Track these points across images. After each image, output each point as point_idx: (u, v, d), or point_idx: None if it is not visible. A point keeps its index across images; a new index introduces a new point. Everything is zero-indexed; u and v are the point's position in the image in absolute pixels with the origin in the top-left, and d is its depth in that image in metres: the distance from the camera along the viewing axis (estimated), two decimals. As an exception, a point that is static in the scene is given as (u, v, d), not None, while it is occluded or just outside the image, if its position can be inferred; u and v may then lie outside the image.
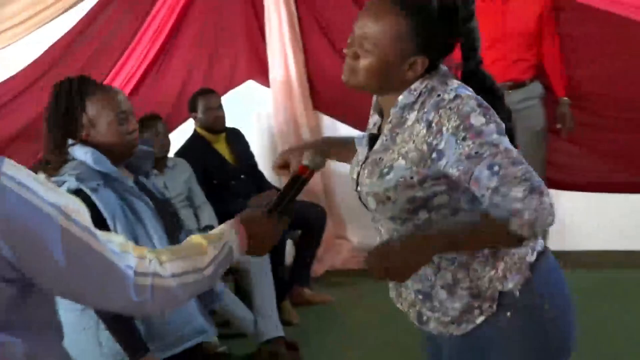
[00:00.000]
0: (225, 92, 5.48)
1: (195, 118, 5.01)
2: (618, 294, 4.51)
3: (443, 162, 1.73)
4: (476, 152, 1.67)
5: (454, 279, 1.85)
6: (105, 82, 4.81)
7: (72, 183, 2.46)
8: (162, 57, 5.54)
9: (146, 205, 2.58)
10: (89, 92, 2.58)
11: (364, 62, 1.80)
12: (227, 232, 1.74)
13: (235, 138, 5.06)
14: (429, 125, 1.75)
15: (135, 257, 1.54)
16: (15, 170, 1.42)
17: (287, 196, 1.83)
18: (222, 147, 5.01)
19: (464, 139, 1.69)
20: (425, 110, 1.78)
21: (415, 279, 1.84)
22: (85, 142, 2.56)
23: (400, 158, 1.79)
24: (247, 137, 5.20)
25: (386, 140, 1.86)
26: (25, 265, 1.44)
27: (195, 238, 1.71)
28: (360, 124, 2.31)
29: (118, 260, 1.51)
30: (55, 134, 2.58)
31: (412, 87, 1.83)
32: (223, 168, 4.92)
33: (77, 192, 2.40)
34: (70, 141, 2.57)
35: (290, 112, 5.59)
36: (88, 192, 2.44)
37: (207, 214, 4.61)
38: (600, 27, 4.67)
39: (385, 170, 1.81)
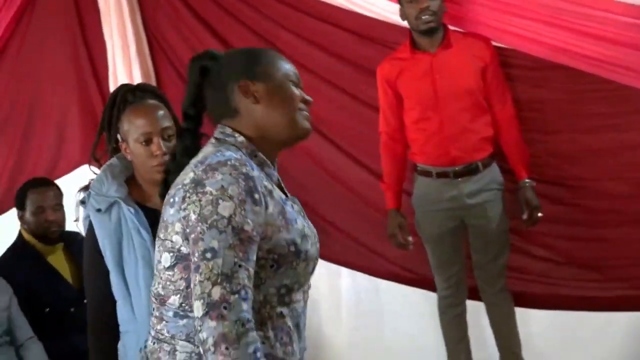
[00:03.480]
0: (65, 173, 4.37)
1: (21, 218, 3.85)
2: None
3: None
4: None
5: None
6: None
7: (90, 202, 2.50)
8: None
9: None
10: (129, 102, 2.50)
11: None
12: None
13: (77, 248, 3.71)
14: None
15: None
16: None
17: None
18: (58, 261, 3.83)
19: None
20: None
21: None
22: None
23: None
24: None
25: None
26: None
27: None
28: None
29: None
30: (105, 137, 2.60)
31: None
32: (58, 290, 3.75)
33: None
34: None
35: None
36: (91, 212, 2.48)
37: (35, 354, 3.61)
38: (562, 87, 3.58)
39: None
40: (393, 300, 4.13)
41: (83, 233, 2.68)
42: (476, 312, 3.72)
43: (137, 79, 4.24)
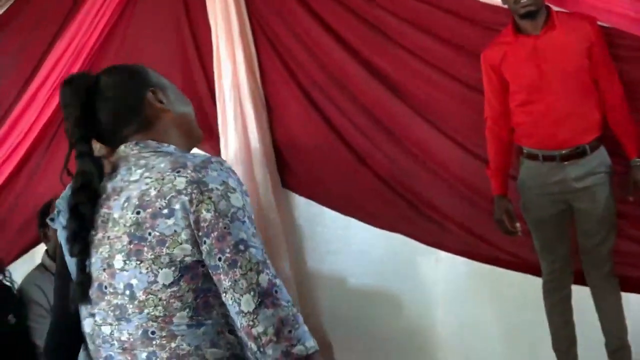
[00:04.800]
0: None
1: None
2: None
3: None
4: None
5: None
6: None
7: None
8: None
9: None
10: None
11: None
12: None
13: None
14: None
15: None
16: None
17: None
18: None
19: None
20: None
21: None
22: None
23: None
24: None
25: None
26: None
27: None
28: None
29: None
30: None
31: None
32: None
33: None
34: None
35: (251, 192, 4.22)
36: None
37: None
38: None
39: None
40: (493, 285, 4.09)
41: None
42: (582, 297, 3.66)
43: (240, 63, 4.25)
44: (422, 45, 3.93)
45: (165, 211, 1.61)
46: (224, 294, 1.59)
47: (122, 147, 1.78)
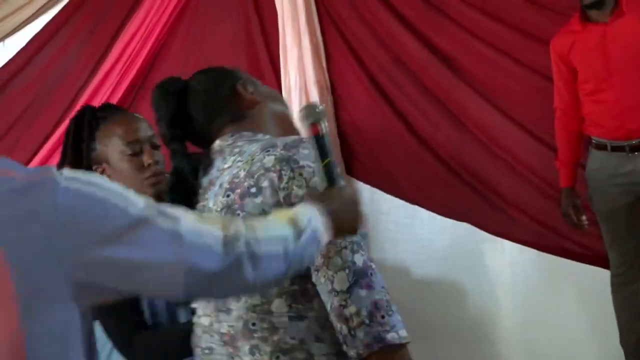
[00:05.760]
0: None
1: None
2: None
3: None
4: None
5: None
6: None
7: None
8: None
9: None
10: (101, 119, 2.22)
11: None
12: (304, 210, 1.43)
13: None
14: None
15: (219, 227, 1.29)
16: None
17: (325, 161, 1.55)
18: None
19: None
20: None
21: None
22: None
23: None
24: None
25: None
26: None
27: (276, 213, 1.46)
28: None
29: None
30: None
31: None
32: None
33: None
34: None
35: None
36: None
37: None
38: None
39: None
40: (560, 277, 4.01)
41: None
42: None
43: (307, 51, 4.23)
44: (491, 30, 3.88)
45: (253, 189, 1.60)
46: (315, 273, 1.54)
47: (217, 141, 1.79)
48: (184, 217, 1.25)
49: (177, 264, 1.22)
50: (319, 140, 1.56)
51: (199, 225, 1.26)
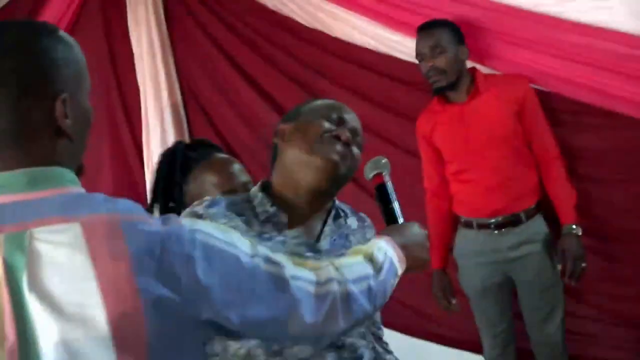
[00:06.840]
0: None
1: None
2: None
3: None
4: None
5: None
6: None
7: None
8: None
9: None
10: (194, 160, 2.23)
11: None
12: (378, 243, 1.58)
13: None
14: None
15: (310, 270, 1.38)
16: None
17: (389, 206, 1.79)
18: None
19: None
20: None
21: None
22: None
23: None
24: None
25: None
26: None
27: (352, 250, 1.59)
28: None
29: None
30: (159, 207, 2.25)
31: None
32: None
33: None
34: None
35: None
36: None
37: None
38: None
39: None
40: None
41: None
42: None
43: (169, 127, 4.15)
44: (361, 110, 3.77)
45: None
46: None
47: None
48: (285, 261, 1.31)
49: (289, 319, 1.29)
50: (383, 187, 1.80)
51: (298, 271, 1.33)
